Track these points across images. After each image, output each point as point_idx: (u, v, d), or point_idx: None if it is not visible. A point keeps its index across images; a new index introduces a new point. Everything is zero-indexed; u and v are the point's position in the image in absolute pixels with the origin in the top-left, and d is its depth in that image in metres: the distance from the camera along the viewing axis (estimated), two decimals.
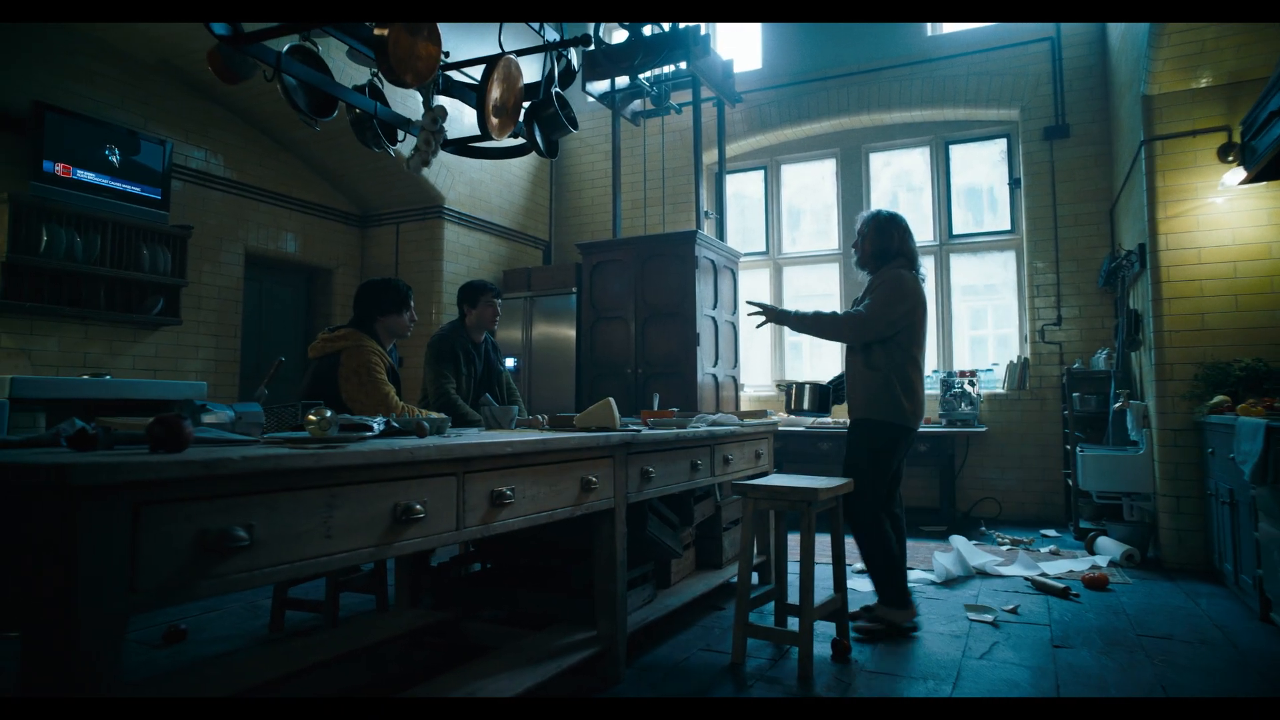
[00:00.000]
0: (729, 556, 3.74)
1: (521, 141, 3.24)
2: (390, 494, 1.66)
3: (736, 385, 6.30)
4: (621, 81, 6.12)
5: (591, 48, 5.17)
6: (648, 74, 6.07)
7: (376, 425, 1.90)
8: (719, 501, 3.75)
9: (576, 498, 2.32)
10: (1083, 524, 4.92)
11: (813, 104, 6.74)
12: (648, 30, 5.76)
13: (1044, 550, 4.64)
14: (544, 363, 6.44)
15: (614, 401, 2.67)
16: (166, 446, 1.34)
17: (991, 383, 6.14)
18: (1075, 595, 3.60)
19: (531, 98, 3.12)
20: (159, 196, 4.88)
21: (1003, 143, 6.43)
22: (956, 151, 6.60)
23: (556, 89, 3.12)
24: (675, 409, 4.09)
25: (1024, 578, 3.92)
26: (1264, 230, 3.97)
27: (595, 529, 2.56)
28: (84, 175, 4.50)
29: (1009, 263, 6.36)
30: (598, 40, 5.76)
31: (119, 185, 4.66)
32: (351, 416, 1.93)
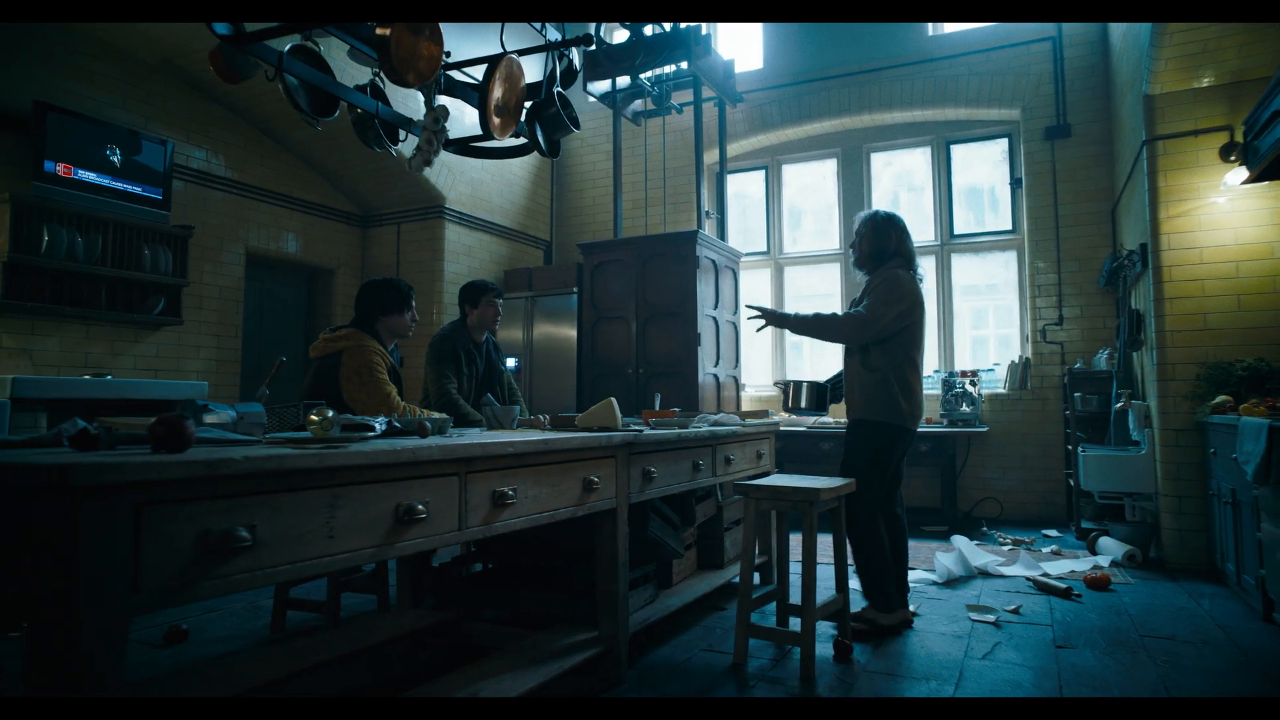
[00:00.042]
0: (730, 557, 3.74)
1: (523, 141, 3.23)
2: (393, 494, 1.65)
3: (738, 385, 6.30)
4: (622, 81, 6.12)
5: (592, 48, 5.17)
6: (649, 74, 6.06)
7: (378, 425, 1.89)
8: (720, 501, 3.75)
9: (579, 498, 2.32)
10: (1084, 524, 4.91)
11: (814, 104, 6.74)
12: (649, 30, 5.76)
13: (1046, 550, 4.64)
14: (545, 363, 6.44)
15: (616, 401, 2.67)
16: (169, 447, 1.34)
17: (993, 383, 6.14)
18: (1077, 595, 3.59)
19: (533, 97, 3.12)
20: (160, 196, 4.88)
21: (1004, 142, 6.43)
22: (958, 151, 6.60)
23: (558, 88, 3.12)
24: (677, 409, 4.09)
25: (1026, 578, 3.92)
26: (1266, 230, 3.97)
27: (597, 529, 2.55)
28: (85, 175, 4.49)
29: (1010, 263, 6.36)
30: (599, 40, 5.76)
31: (120, 185, 4.66)
32: (353, 416, 1.93)
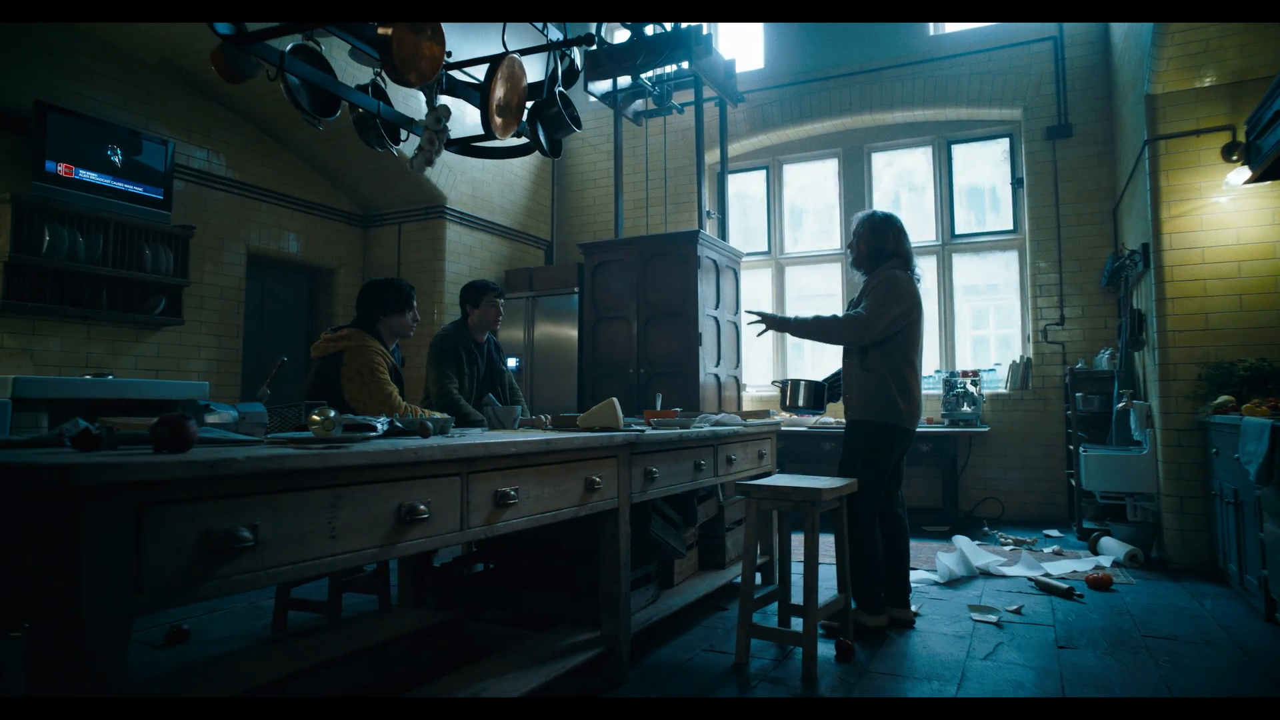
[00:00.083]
0: (732, 557, 3.73)
1: (525, 141, 3.23)
2: (394, 494, 1.65)
3: (739, 385, 6.29)
4: (623, 81, 6.12)
5: (594, 47, 5.17)
6: (650, 74, 6.06)
7: (380, 425, 1.89)
8: (722, 501, 3.75)
9: (580, 498, 2.32)
10: (1086, 524, 4.91)
11: (815, 104, 6.73)
12: (650, 30, 5.76)
13: (1047, 550, 4.64)
14: (546, 363, 6.44)
15: (617, 402, 2.67)
16: (170, 447, 1.33)
17: (994, 383, 6.13)
18: (1079, 596, 3.59)
19: (535, 97, 3.12)
20: (161, 196, 4.88)
21: (1005, 142, 6.42)
22: (959, 151, 6.59)
23: (560, 88, 3.11)
24: (678, 409, 4.09)
25: (1027, 578, 3.91)
26: (1268, 230, 3.96)
27: (599, 529, 2.55)
28: (86, 175, 4.49)
29: (1011, 262, 6.35)
30: (600, 40, 5.75)
31: (121, 185, 4.66)
32: (355, 417, 1.93)
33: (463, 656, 2.61)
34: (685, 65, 5.85)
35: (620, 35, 6.94)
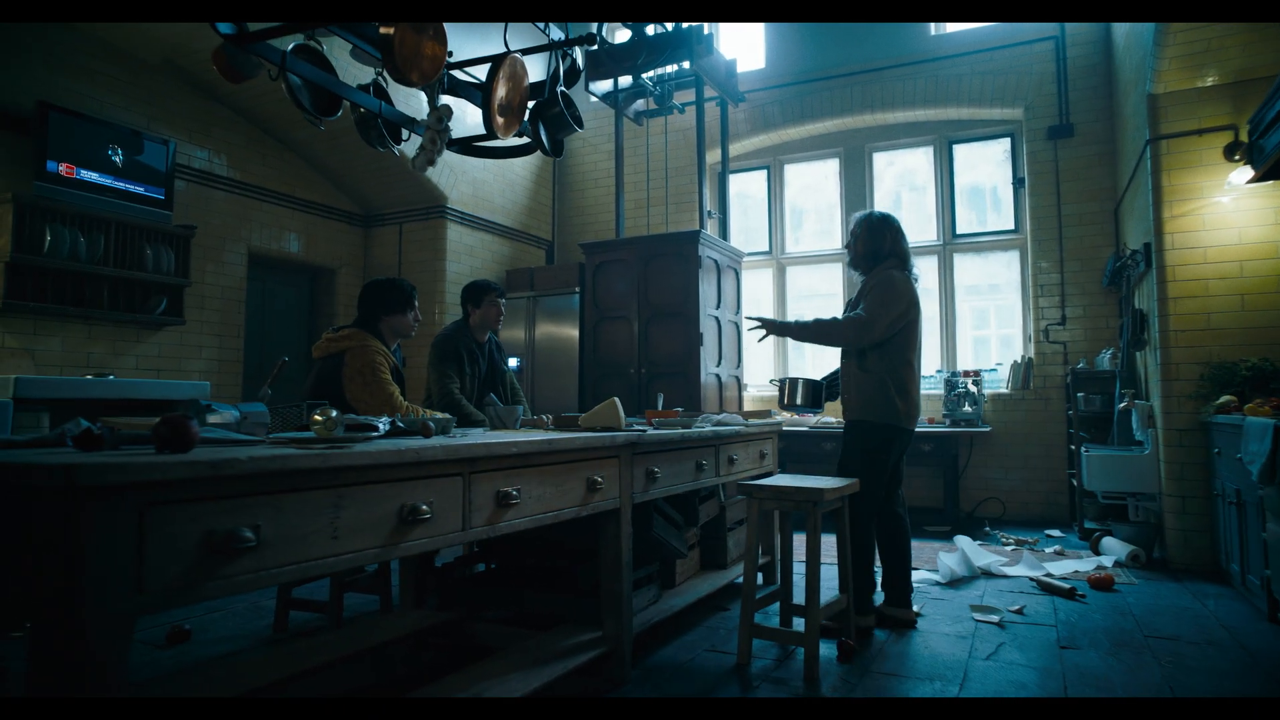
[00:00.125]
0: (733, 557, 3.73)
1: (527, 141, 3.23)
2: (397, 494, 1.65)
3: (740, 385, 6.29)
4: (625, 81, 6.11)
5: (595, 47, 5.17)
6: (651, 73, 6.06)
7: (382, 425, 1.89)
8: (723, 501, 3.74)
9: (582, 498, 2.32)
10: (1087, 524, 4.90)
11: (816, 103, 6.73)
12: (651, 30, 5.75)
13: (1049, 550, 4.63)
14: (547, 363, 6.43)
15: (619, 401, 2.66)
16: (172, 447, 1.33)
17: (995, 383, 6.13)
18: (1081, 596, 3.59)
19: (536, 97, 3.11)
20: (162, 196, 4.88)
21: (1006, 142, 6.42)
22: (960, 151, 6.59)
23: (562, 88, 3.11)
24: (679, 409, 4.09)
25: (1029, 578, 3.91)
26: (1270, 229, 3.96)
27: (601, 529, 2.55)
28: (87, 175, 4.49)
29: (1013, 262, 6.35)
30: (601, 40, 5.75)
31: (122, 185, 4.66)
32: (357, 417, 1.92)
33: (464, 657, 2.60)
34: (686, 65, 5.84)
35: (621, 35, 6.93)
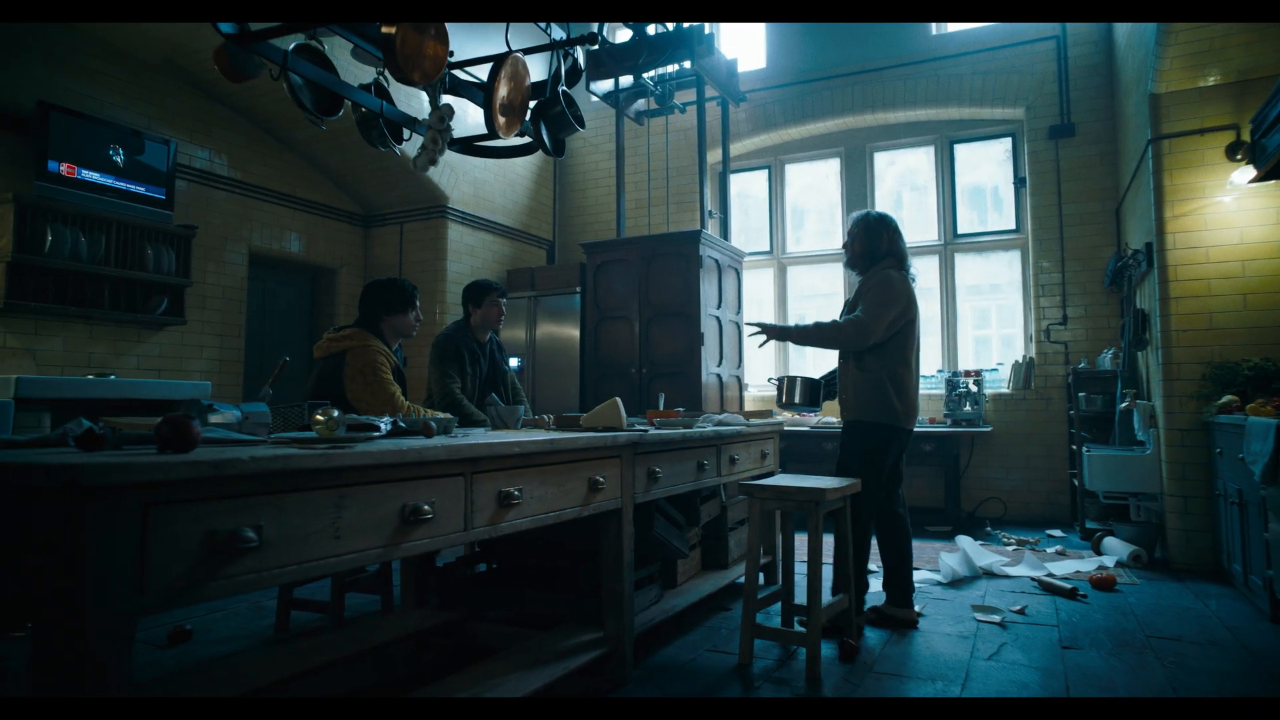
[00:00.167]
0: (735, 557, 3.73)
1: (528, 140, 3.23)
2: (398, 494, 1.65)
3: (740, 385, 6.29)
4: (625, 81, 6.11)
5: (596, 47, 5.17)
6: (652, 73, 6.06)
7: (384, 425, 1.89)
8: (725, 501, 3.74)
9: (584, 498, 2.31)
10: (1089, 524, 4.90)
11: (817, 103, 6.72)
12: (652, 29, 5.75)
13: (1050, 550, 4.63)
14: (548, 362, 6.43)
15: (620, 401, 2.66)
16: (174, 447, 1.33)
17: (996, 382, 6.12)
18: (1083, 596, 3.58)
19: (538, 96, 3.11)
20: (163, 196, 4.88)
21: (1008, 142, 6.41)
22: (961, 151, 6.58)
23: (563, 87, 3.11)
24: (681, 409, 4.08)
25: (1030, 578, 3.90)
26: (1273, 229, 3.95)
27: (602, 529, 2.55)
28: (89, 175, 4.49)
29: (1014, 262, 6.34)
30: (602, 40, 5.75)
31: (123, 185, 4.66)
32: (358, 416, 1.92)
33: (466, 657, 2.60)
34: (687, 65, 5.84)
35: (622, 35, 6.93)
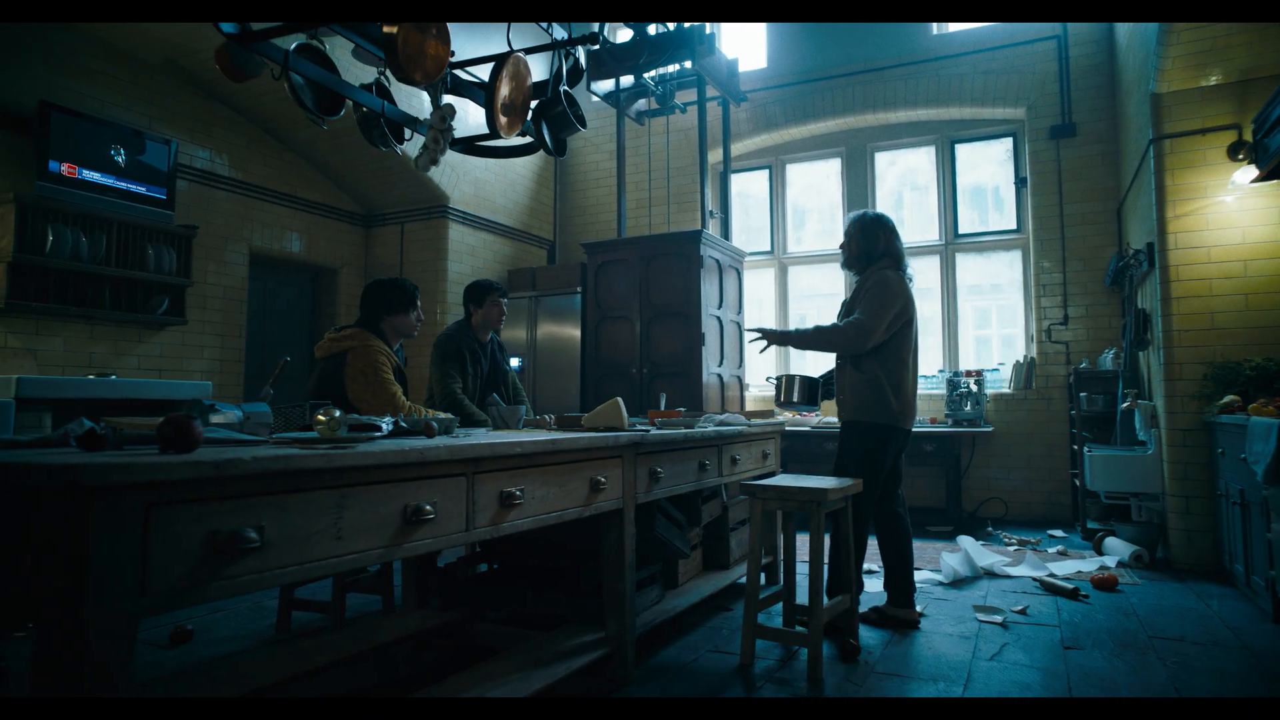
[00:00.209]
0: (736, 557, 3.72)
1: (529, 140, 3.23)
2: (400, 495, 1.64)
3: (741, 385, 6.28)
4: (626, 81, 6.11)
5: (597, 46, 5.16)
6: (653, 73, 6.05)
7: (385, 425, 1.88)
8: (726, 502, 3.74)
9: (585, 498, 2.31)
10: (1090, 524, 4.89)
11: (818, 103, 6.72)
12: (653, 29, 5.74)
13: (1051, 551, 4.62)
14: (549, 362, 6.43)
15: (622, 401, 2.66)
16: (176, 447, 1.33)
17: (997, 382, 6.12)
18: (1085, 596, 3.58)
19: (539, 96, 3.11)
20: (164, 196, 4.88)
21: (1009, 142, 6.41)
22: (962, 150, 6.58)
23: (564, 87, 3.11)
24: (682, 409, 4.08)
25: (1032, 578, 3.90)
26: (1274, 229, 3.95)
27: (604, 529, 2.54)
28: (89, 175, 4.49)
29: (1015, 262, 6.34)
30: (603, 39, 5.74)
31: (124, 185, 4.66)
32: (360, 417, 1.92)
33: (467, 657, 2.60)
34: (688, 65, 5.83)
35: (623, 35, 6.93)
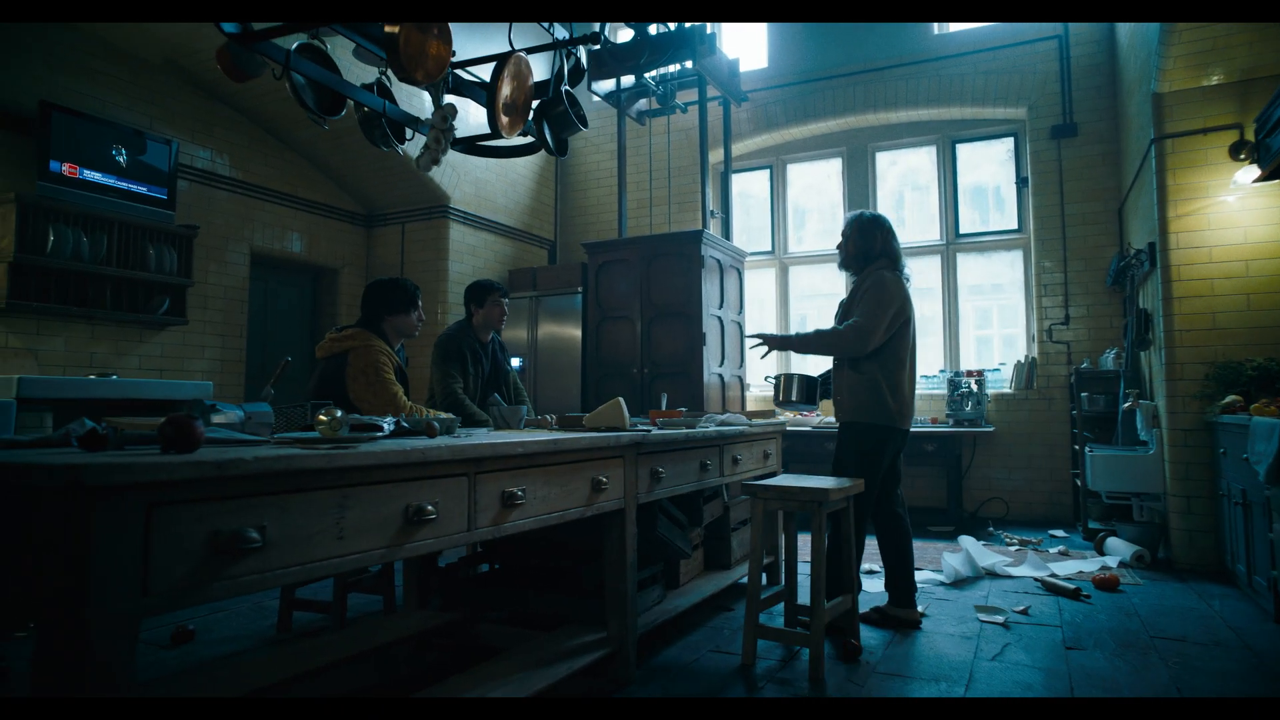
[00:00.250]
0: (737, 557, 3.72)
1: (530, 140, 3.23)
2: (402, 495, 1.64)
3: (742, 385, 6.28)
4: (627, 81, 6.10)
5: (598, 47, 5.16)
6: (653, 73, 6.05)
7: (387, 425, 1.88)
8: (727, 502, 3.73)
9: (587, 498, 2.31)
10: (1091, 524, 4.89)
11: (819, 103, 6.72)
12: (654, 29, 5.74)
13: (1053, 551, 4.62)
14: (550, 362, 6.43)
15: (623, 401, 2.66)
16: (178, 447, 1.33)
17: (998, 382, 6.11)
18: (1086, 596, 3.57)
19: (540, 96, 3.11)
20: (165, 196, 4.88)
21: (1010, 141, 6.40)
22: (963, 150, 6.57)
23: (566, 87, 3.10)
24: (683, 409, 4.08)
25: (1034, 578, 3.89)
26: (1276, 229, 3.94)
27: (605, 529, 2.54)
28: (90, 175, 4.49)
29: (1016, 262, 6.34)
30: (604, 39, 5.74)
31: (125, 185, 4.66)
32: (362, 417, 1.92)
33: (468, 657, 2.60)
34: (689, 65, 5.83)
35: (624, 35, 6.93)
